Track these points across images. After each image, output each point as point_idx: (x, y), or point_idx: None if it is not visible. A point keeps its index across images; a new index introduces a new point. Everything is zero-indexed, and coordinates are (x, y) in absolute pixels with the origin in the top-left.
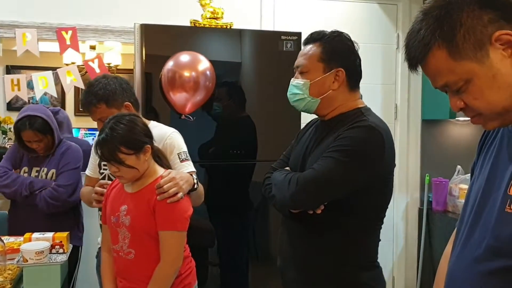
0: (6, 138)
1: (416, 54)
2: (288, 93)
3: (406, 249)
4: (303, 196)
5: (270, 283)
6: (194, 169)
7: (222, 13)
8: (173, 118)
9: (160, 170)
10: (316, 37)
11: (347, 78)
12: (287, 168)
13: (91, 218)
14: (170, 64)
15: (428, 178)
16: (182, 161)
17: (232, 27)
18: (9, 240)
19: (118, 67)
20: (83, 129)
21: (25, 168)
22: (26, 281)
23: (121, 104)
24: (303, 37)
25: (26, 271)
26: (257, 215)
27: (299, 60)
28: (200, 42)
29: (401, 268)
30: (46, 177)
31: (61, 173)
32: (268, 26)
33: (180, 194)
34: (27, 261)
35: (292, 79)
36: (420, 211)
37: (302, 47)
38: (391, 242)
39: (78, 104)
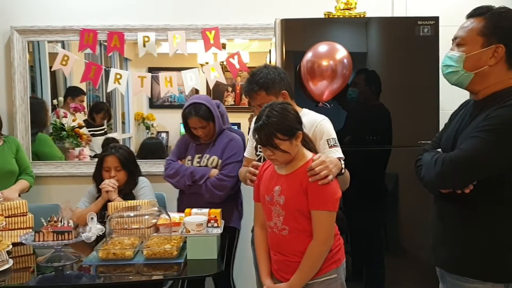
0: (149, 132)
1: None
2: (441, 65)
3: None
4: (448, 175)
5: (403, 273)
6: (342, 155)
7: (355, 3)
8: (308, 108)
9: (309, 154)
10: (480, 11)
11: (507, 55)
12: (439, 149)
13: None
14: (309, 55)
15: None
16: (331, 147)
17: (365, 17)
18: (171, 215)
19: (246, 65)
20: None
21: (189, 157)
22: (189, 249)
23: (279, 92)
24: (441, 22)
25: (189, 240)
26: (390, 203)
27: (458, 32)
28: (335, 33)
29: None
30: (207, 164)
31: (228, 164)
32: (400, 12)
33: (330, 177)
34: (189, 231)
35: (448, 50)
36: None
37: (465, 19)
38: None
39: None
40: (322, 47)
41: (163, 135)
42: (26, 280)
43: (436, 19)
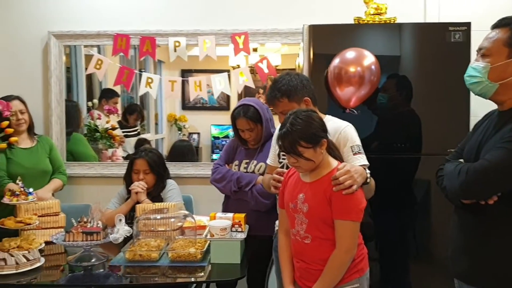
0: (181, 134)
1: None
2: (465, 75)
3: None
4: (473, 186)
5: (431, 282)
6: (367, 162)
7: (386, 8)
8: (335, 114)
9: (334, 162)
10: (506, 22)
11: None
12: (461, 159)
13: None
14: (336, 61)
15: None
16: (355, 154)
17: (395, 22)
18: (196, 218)
19: (277, 67)
20: None
21: (236, 162)
22: (213, 253)
23: (301, 99)
24: (473, 28)
25: (213, 244)
26: (419, 211)
27: (483, 43)
28: (364, 39)
29: None
30: (254, 170)
31: None
32: (433, 18)
33: (354, 187)
34: (213, 236)
35: (472, 61)
36: None
37: (490, 30)
38: None
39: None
40: (350, 53)
41: (195, 136)
42: (57, 278)
43: (468, 24)
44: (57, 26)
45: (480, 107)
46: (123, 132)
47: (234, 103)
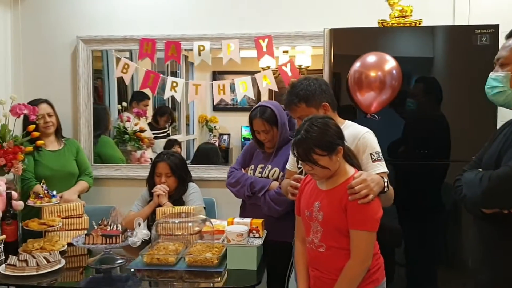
0: (212, 135)
1: None
2: (486, 87)
3: None
4: (496, 193)
5: None
6: (386, 170)
7: (411, 11)
8: (360, 116)
9: (351, 170)
10: None
11: None
12: (479, 169)
13: None
14: (356, 65)
15: None
16: (374, 161)
17: (421, 24)
18: (216, 222)
19: (308, 68)
20: None
21: (252, 166)
22: (229, 258)
23: (319, 104)
24: (501, 30)
25: (229, 249)
26: (449, 218)
27: (500, 52)
28: (388, 42)
29: None
30: (268, 175)
31: None
32: (462, 20)
33: (370, 196)
34: (230, 241)
35: (491, 72)
36: None
37: (505, 40)
38: None
39: None
40: (371, 58)
41: (225, 137)
42: (77, 280)
43: (495, 27)
44: (85, 31)
45: (508, 113)
46: (153, 133)
47: None
